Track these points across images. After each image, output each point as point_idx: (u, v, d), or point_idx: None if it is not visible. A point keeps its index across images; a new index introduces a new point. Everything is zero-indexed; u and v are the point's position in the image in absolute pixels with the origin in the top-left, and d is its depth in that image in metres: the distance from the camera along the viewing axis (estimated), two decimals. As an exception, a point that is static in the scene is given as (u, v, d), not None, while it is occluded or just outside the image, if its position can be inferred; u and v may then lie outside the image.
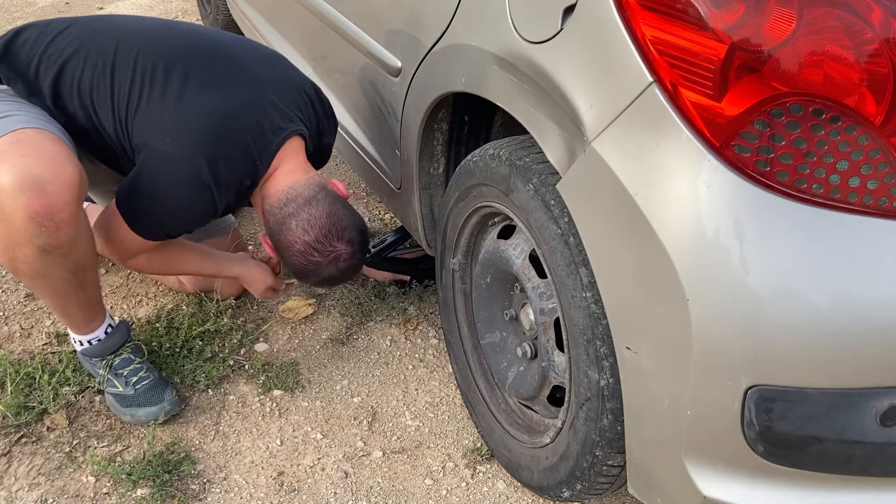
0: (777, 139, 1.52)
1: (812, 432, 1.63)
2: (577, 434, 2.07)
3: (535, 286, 2.22)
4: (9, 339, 2.94)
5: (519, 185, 2.07)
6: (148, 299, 3.15)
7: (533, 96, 1.90)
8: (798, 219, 1.54)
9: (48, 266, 2.27)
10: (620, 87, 1.65)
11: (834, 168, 1.52)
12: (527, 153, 2.08)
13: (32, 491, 2.41)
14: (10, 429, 2.57)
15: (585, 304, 1.90)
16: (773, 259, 1.55)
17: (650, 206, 1.62)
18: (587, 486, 2.14)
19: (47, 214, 2.15)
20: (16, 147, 2.19)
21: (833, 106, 1.48)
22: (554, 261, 1.99)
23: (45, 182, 2.14)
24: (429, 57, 2.34)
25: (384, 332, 3.09)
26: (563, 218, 1.93)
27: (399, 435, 2.67)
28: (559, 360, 2.20)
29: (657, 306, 1.66)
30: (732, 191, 1.55)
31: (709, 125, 1.55)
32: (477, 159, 2.28)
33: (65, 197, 2.17)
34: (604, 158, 1.68)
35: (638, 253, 1.67)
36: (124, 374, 2.64)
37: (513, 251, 2.30)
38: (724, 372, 1.62)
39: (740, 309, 1.57)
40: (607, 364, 1.89)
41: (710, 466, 1.73)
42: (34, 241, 2.18)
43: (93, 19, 2.60)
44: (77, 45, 2.48)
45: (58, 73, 2.46)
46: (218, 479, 2.49)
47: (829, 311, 1.55)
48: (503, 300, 2.48)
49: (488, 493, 2.49)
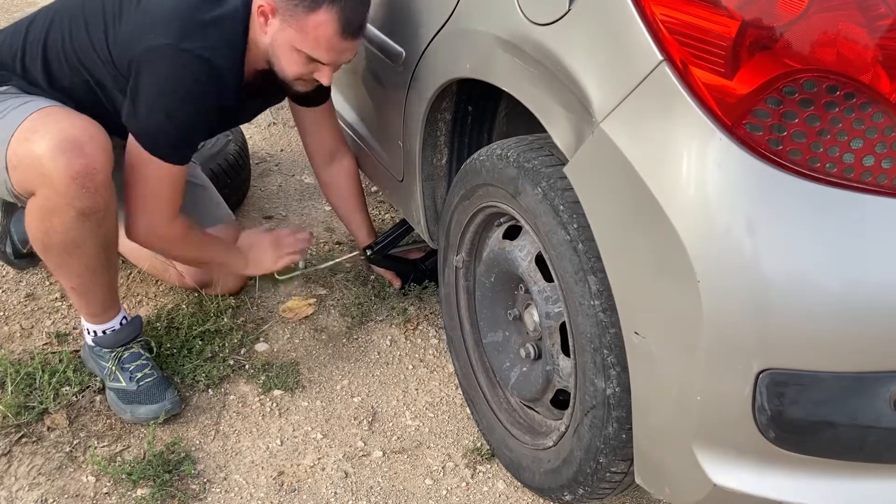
0: (790, 117, 1.47)
1: (824, 417, 1.57)
2: (581, 440, 2.02)
3: (541, 289, 2.17)
4: (9, 339, 2.89)
5: (527, 188, 2.01)
6: (148, 299, 3.09)
7: (540, 79, 1.85)
8: (811, 198, 1.49)
9: (84, 234, 2.29)
10: (629, 67, 1.60)
11: (848, 146, 1.47)
12: (536, 155, 2.02)
13: (33, 491, 2.36)
14: (10, 429, 2.52)
15: (593, 313, 1.85)
16: (786, 239, 1.50)
17: (660, 187, 1.56)
18: (589, 490, 2.09)
19: (87, 174, 2.19)
20: (47, 118, 2.27)
21: (847, 82, 1.43)
22: (562, 267, 1.93)
23: (83, 143, 2.19)
24: (433, 44, 2.30)
25: (384, 332, 3.03)
26: (572, 224, 1.87)
27: (399, 435, 2.62)
28: (564, 365, 2.14)
29: (667, 289, 1.61)
30: (744, 170, 1.50)
31: (720, 104, 1.50)
32: (484, 158, 2.21)
33: (101, 159, 2.22)
34: (612, 139, 1.63)
35: (647, 235, 1.62)
36: (130, 369, 2.60)
37: (519, 253, 2.24)
38: (736, 355, 1.56)
39: (752, 290, 1.51)
40: (614, 373, 1.84)
41: (719, 454, 1.66)
42: (74, 205, 2.21)
43: (53, 2, 2.63)
44: (49, 21, 2.52)
45: (43, 54, 2.49)
46: (218, 479, 2.44)
47: (843, 293, 1.49)
48: (507, 300, 2.42)
49: (488, 493, 2.44)
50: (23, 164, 2.24)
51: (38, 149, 2.19)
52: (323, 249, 3.46)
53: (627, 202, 1.65)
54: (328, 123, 2.92)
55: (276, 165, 4.13)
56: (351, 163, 3.05)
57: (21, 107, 2.34)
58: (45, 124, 2.24)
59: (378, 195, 3.88)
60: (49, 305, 3.04)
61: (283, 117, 4.44)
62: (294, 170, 4.09)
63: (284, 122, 4.46)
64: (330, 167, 3.03)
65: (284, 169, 4.10)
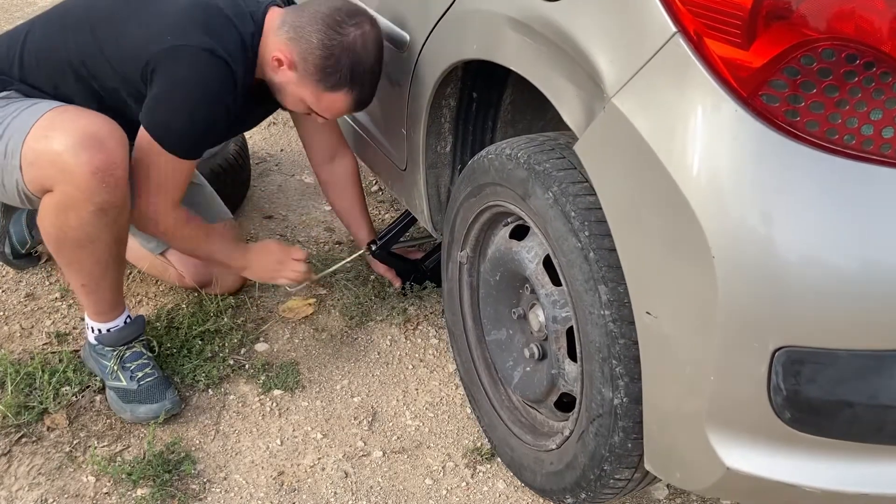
0: (807, 87, 1.42)
1: (842, 396, 1.52)
2: (585, 447, 1.97)
3: (548, 293, 2.11)
4: (9, 338, 2.85)
5: (537, 192, 1.96)
6: (148, 299, 3.06)
7: (549, 57, 1.80)
8: (828, 171, 1.44)
9: (99, 230, 2.30)
10: (642, 40, 1.56)
11: (867, 118, 1.42)
12: (547, 158, 1.97)
13: (32, 491, 2.33)
14: (10, 429, 2.49)
15: (603, 322, 1.80)
16: (803, 213, 1.45)
17: (673, 161, 1.51)
18: (592, 495, 2.05)
19: (108, 169, 2.20)
20: (64, 115, 2.29)
21: (867, 51, 1.39)
22: (571, 274, 1.89)
23: (103, 138, 2.21)
24: (438, 26, 2.25)
25: (384, 332, 3.00)
26: (583, 231, 1.82)
27: (399, 435, 2.59)
28: (570, 370, 2.09)
29: (681, 266, 1.55)
30: (760, 142, 1.45)
31: (735, 75, 1.45)
32: (493, 157, 2.16)
33: (121, 153, 2.24)
34: (624, 114, 1.58)
35: (660, 211, 1.57)
36: (131, 369, 2.57)
37: (526, 254, 2.18)
38: (751, 333, 1.51)
39: (769, 266, 1.46)
40: (622, 384, 1.80)
41: (733, 436, 1.61)
42: (94, 200, 2.22)
43: (51, 8, 2.62)
44: (49, 28, 2.53)
45: (45, 62, 2.48)
46: (218, 479, 2.41)
47: (862, 268, 1.45)
48: (511, 298, 2.36)
49: (488, 492, 2.40)
50: (41, 160, 2.23)
51: (57, 145, 2.19)
52: (323, 249, 3.43)
53: (640, 178, 1.60)
54: (328, 124, 2.90)
55: (276, 165, 4.11)
56: (351, 162, 3.03)
57: (32, 107, 2.34)
58: (63, 121, 2.25)
59: (378, 195, 3.86)
60: (49, 305, 3.01)
61: (283, 117, 4.42)
62: (294, 170, 4.07)
63: (284, 122, 4.45)
64: (330, 167, 3.01)
65: (284, 169, 4.08)
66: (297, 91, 2.48)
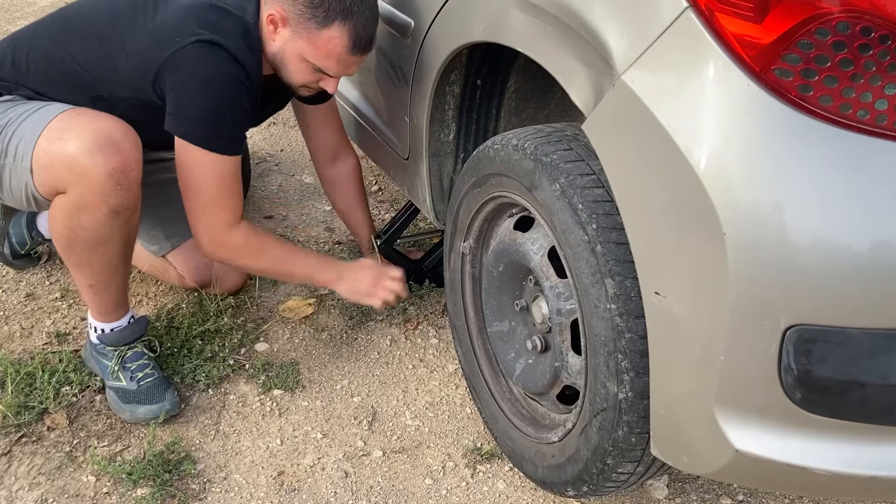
0: (821, 61, 1.38)
1: (854, 376, 1.47)
2: (588, 441, 1.93)
3: (553, 285, 2.07)
4: (9, 338, 2.82)
5: (544, 183, 1.91)
6: (148, 299, 3.03)
7: (557, 36, 1.76)
8: (842, 146, 1.40)
9: (111, 231, 2.29)
10: (652, 15, 1.52)
11: (882, 92, 1.38)
12: (554, 149, 1.92)
13: (33, 490, 2.31)
14: (10, 428, 2.47)
15: (609, 316, 1.76)
16: (816, 189, 1.41)
17: (684, 136, 1.47)
18: (594, 488, 2.01)
19: (123, 171, 2.19)
20: (78, 117, 2.27)
21: (882, 24, 1.35)
22: (578, 267, 1.84)
23: (118, 140, 2.20)
24: (444, 9, 2.22)
25: (384, 332, 2.97)
26: (591, 224, 1.78)
27: (399, 435, 2.56)
28: (574, 363, 2.05)
29: (691, 243, 1.51)
30: (773, 117, 1.41)
31: (748, 49, 1.41)
32: (498, 147, 2.11)
33: (136, 155, 2.24)
34: (634, 90, 1.54)
35: (670, 187, 1.52)
36: (131, 369, 2.54)
37: (531, 246, 2.14)
38: (762, 311, 1.46)
39: (781, 242, 1.42)
40: (627, 378, 1.75)
41: (742, 418, 1.56)
42: (108, 202, 2.21)
43: (54, 13, 2.60)
44: (52, 38, 2.50)
45: (50, 72, 2.47)
46: (218, 479, 2.38)
47: (875, 245, 1.40)
48: (514, 290, 2.32)
49: (488, 492, 2.37)
50: (55, 162, 2.21)
51: (72, 147, 2.18)
52: (322, 249, 3.40)
53: (649, 154, 1.56)
54: (331, 121, 2.88)
55: (276, 165, 4.09)
56: (354, 162, 3.00)
57: (42, 109, 2.33)
58: (77, 124, 2.24)
59: (378, 195, 3.83)
60: (49, 305, 2.97)
61: (283, 117, 4.41)
62: (294, 170, 4.04)
63: (284, 122, 4.44)
64: (333, 166, 2.98)
65: (284, 169, 4.05)
66: (296, 47, 2.39)
